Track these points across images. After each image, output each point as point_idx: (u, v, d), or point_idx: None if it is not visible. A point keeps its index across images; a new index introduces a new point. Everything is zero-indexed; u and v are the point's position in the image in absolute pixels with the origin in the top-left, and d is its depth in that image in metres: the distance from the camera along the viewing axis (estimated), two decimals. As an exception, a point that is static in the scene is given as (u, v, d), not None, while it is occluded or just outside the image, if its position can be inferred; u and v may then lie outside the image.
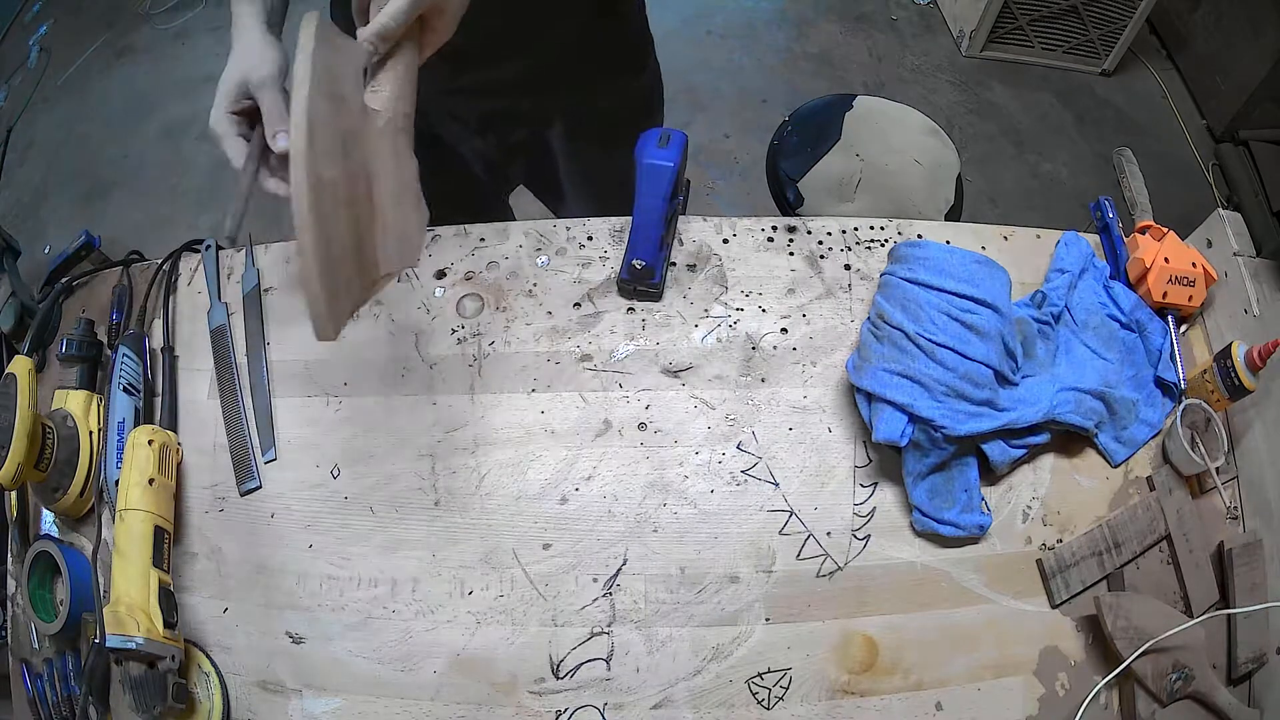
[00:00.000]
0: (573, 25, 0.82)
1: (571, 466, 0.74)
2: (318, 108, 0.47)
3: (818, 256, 0.84)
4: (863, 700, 0.67)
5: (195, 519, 0.74)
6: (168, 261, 0.85)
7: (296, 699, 0.67)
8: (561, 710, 0.66)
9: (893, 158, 1.14)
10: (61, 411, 0.74)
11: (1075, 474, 0.76)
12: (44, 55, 2.43)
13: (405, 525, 0.72)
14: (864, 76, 2.28)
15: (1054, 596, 0.70)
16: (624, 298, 0.81)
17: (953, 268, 0.72)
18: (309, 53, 0.47)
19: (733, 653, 0.68)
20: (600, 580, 0.70)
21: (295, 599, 0.70)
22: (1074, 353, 0.79)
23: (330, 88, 0.49)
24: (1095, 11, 2.17)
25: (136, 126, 2.25)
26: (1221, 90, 2.15)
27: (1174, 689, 0.66)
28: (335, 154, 0.49)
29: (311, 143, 0.46)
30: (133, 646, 0.59)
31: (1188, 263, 0.80)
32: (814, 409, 0.76)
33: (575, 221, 0.85)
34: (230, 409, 0.77)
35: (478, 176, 1.01)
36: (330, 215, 0.49)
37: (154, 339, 0.81)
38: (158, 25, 2.47)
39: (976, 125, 2.20)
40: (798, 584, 0.70)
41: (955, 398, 0.69)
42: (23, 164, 2.20)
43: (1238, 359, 0.72)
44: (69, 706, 0.68)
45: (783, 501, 0.73)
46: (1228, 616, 0.71)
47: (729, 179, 2.07)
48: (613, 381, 0.77)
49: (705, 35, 2.36)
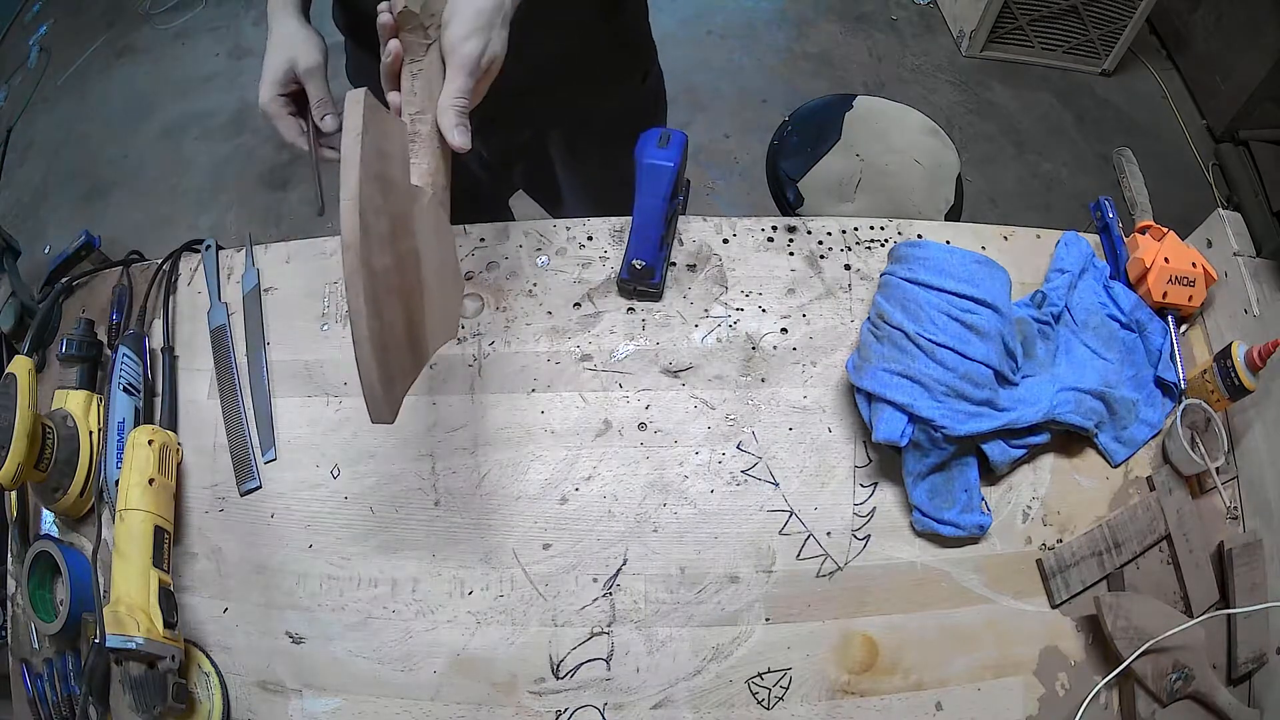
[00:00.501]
0: (574, 31, 0.82)
1: (571, 466, 0.74)
2: (369, 195, 0.46)
3: (818, 256, 0.84)
4: (863, 700, 0.67)
5: (195, 519, 0.74)
6: (168, 261, 0.85)
7: (296, 699, 0.67)
8: (561, 710, 0.66)
9: (893, 158, 1.14)
10: (61, 411, 0.74)
11: (1075, 474, 0.76)
12: (44, 55, 2.43)
13: (405, 525, 0.72)
14: (864, 76, 2.28)
15: (1054, 596, 0.70)
16: (624, 298, 0.81)
17: (953, 268, 0.72)
18: (357, 135, 0.46)
19: (733, 653, 0.68)
20: (600, 580, 0.70)
21: (295, 599, 0.70)
22: (1074, 353, 0.79)
23: (379, 169, 0.49)
24: (1095, 11, 2.17)
25: (136, 126, 2.25)
26: (1221, 90, 2.15)
27: (1174, 689, 0.66)
28: (386, 241, 0.49)
29: (365, 233, 0.45)
30: (133, 646, 0.59)
31: (1188, 263, 0.80)
32: (814, 409, 0.76)
33: (575, 221, 0.85)
34: (230, 409, 0.77)
35: (478, 179, 1.01)
36: (384, 302, 0.48)
37: (154, 339, 0.81)
38: (158, 25, 2.47)
39: (976, 125, 2.20)
40: (798, 584, 0.70)
41: (955, 398, 0.69)
42: (23, 164, 2.20)
43: (1238, 359, 0.72)
44: (69, 706, 0.68)
45: (783, 501, 0.73)
46: (1228, 616, 0.71)
47: (729, 179, 2.07)
48: (613, 381, 0.77)
49: (705, 35, 2.36)
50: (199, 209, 2.08)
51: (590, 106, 0.91)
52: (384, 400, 0.49)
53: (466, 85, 0.56)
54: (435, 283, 0.57)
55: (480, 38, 0.56)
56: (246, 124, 2.20)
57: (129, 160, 2.19)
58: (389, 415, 0.50)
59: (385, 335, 0.48)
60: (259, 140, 2.16)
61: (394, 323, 0.50)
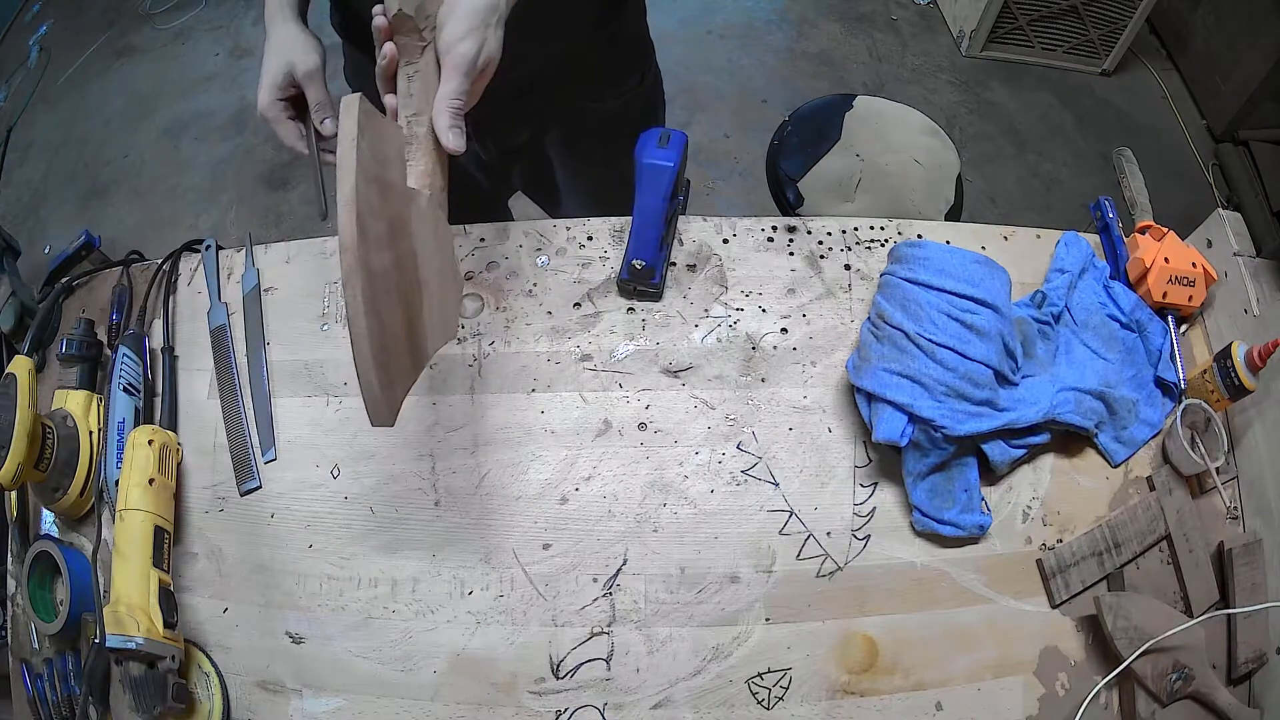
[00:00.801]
0: (572, 32, 0.82)
1: (571, 466, 0.74)
2: (365, 197, 0.46)
3: (818, 256, 0.84)
4: (863, 700, 0.67)
5: (195, 519, 0.74)
6: (168, 261, 0.85)
7: (296, 699, 0.68)
8: (561, 710, 0.66)
9: (893, 158, 1.14)
10: (61, 411, 0.74)
11: (1075, 474, 0.76)
12: (44, 55, 2.43)
13: (405, 525, 0.72)
14: (864, 76, 2.28)
15: (1054, 596, 0.70)
16: (624, 298, 0.81)
17: (953, 268, 0.72)
18: (352, 140, 0.46)
19: (733, 653, 0.68)
20: (600, 580, 0.70)
21: (295, 599, 0.70)
22: (1074, 353, 0.79)
23: (376, 173, 0.48)
24: (1095, 11, 2.17)
25: (136, 126, 2.25)
26: (1221, 90, 2.15)
27: (1174, 689, 0.66)
28: (384, 242, 0.49)
29: (362, 235, 0.45)
30: (133, 646, 0.59)
31: (1188, 263, 0.80)
32: (814, 409, 0.76)
33: (575, 221, 0.85)
34: (230, 409, 0.77)
35: (477, 180, 1.01)
36: (382, 304, 0.48)
37: (154, 339, 0.81)
38: (158, 25, 2.48)
39: (976, 125, 2.20)
40: (798, 584, 0.70)
41: (955, 398, 0.69)
42: (23, 164, 2.21)
43: (1238, 359, 0.72)
44: (69, 706, 0.68)
45: (783, 501, 0.73)
46: (1228, 616, 0.71)
47: (729, 179, 2.07)
48: (613, 381, 0.77)
49: (705, 35, 2.36)
50: (199, 209, 2.08)
51: (589, 107, 0.91)
52: (384, 403, 0.49)
53: (462, 86, 0.56)
54: (434, 284, 0.56)
55: (475, 38, 0.56)
56: (246, 124, 2.20)
57: (129, 160, 2.19)
58: (389, 418, 0.50)
59: (384, 337, 0.48)
60: (259, 140, 2.16)
61: (393, 325, 0.50)
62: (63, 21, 2.52)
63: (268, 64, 0.69)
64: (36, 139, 2.25)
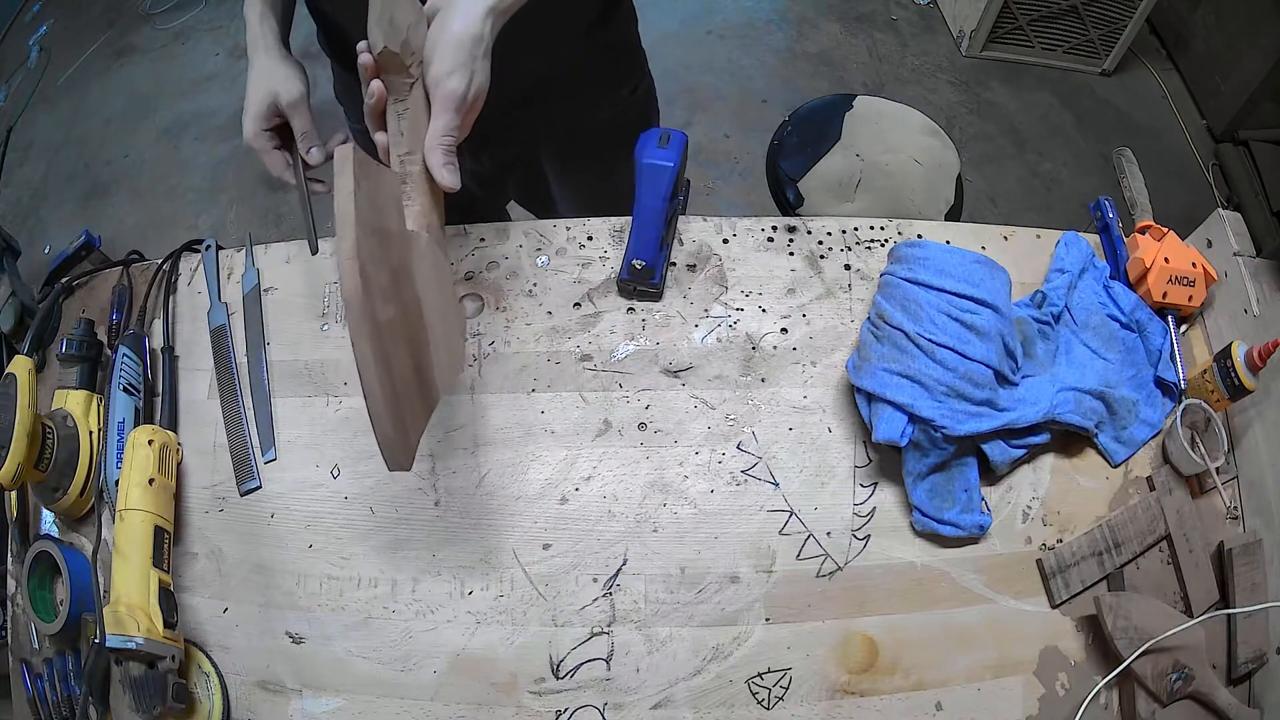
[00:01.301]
0: (564, 44, 0.81)
1: (571, 466, 0.74)
2: (367, 250, 0.46)
3: (818, 256, 0.84)
4: (863, 700, 0.67)
5: (195, 519, 0.74)
6: (168, 261, 0.85)
7: (296, 699, 0.68)
8: (561, 710, 0.66)
9: (893, 158, 1.14)
10: (61, 411, 0.74)
11: (1075, 474, 0.76)
12: (44, 55, 2.43)
13: (405, 525, 0.72)
14: (864, 76, 2.28)
15: (1054, 596, 0.70)
16: (624, 298, 0.81)
17: (953, 268, 0.73)
18: (349, 194, 0.45)
19: (733, 653, 0.68)
20: (600, 580, 0.70)
21: (295, 599, 0.70)
22: (1074, 353, 0.79)
23: (375, 223, 0.48)
24: (1095, 11, 2.17)
25: (136, 126, 2.25)
26: (1221, 90, 2.15)
27: (1174, 689, 0.66)
28: (389, 294, 0.48)
29: (367, 289, 0.45)
30: (133, 646, 0.59)
31: (1188, 263, 0.80)
32: (814, 409, 0.76)
33: (575, 221, 0.85)
34: (230, 409, 0.77)
35: (472, 193, 1.00)
36: (391, 354, 0.48)
37: (154, 339, 0.81)
38: (158, 25, 2.48)
39: (976, 125, 2.20)
40: (798, 584, 0.70)
41: (955, 398, 0.69)
42: (23, 164, 2.21)
43: (1238, 359, 0.72)
44: (69, 706, 0.68)
45: (783, 501, 0.73)
46: (1228, 616, 0.71)
47: (729, 179, 2.07)
48: (613, 381, 0.77)
49: (705, 35, 2.36)
50: (199, 209, 2.08)
51: (582, 118, 0.91)
52: (400, 449, 0.49)
53: (453, 123, 0.56)
54: (438, 323, 0.56)
55: (464, 73, 0.55)
56: (246, 124, 2.20)
57: (129, 160, 2.19)
58: (406, 463, 0.50)
59: (395, 385, 0.48)
60: (259, 141, 2.15)
61: (403, 372, 0.50)
62: (63, 21, 2.52)
63: (251, 94, 0.68)
64: (36, 139, 2.25)
